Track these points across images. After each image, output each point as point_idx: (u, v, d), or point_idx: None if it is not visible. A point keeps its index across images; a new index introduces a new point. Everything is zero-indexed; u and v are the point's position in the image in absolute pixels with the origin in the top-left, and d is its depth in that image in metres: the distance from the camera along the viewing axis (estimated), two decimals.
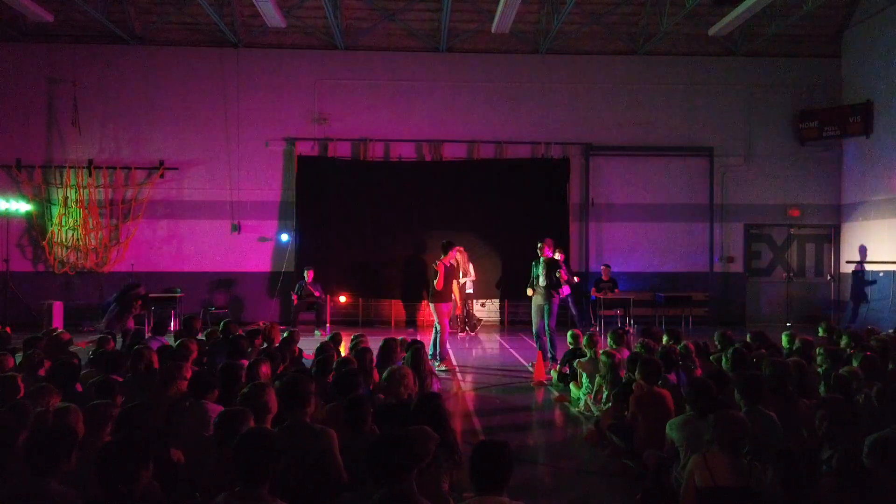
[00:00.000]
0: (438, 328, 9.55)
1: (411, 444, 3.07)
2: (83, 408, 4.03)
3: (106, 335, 7.59)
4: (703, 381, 4.69)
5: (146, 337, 8.05)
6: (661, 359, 6.03)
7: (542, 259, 9.49)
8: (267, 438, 3.01)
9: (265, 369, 5.37)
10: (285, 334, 7.45)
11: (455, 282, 10.04)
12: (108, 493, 2.91)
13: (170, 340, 7.39)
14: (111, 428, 3.83)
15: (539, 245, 9.62)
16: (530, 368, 9.29)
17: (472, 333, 13.23)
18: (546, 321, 9.38)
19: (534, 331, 9.65)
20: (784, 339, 7.53)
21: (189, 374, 5.06)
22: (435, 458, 3.57)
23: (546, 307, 9.38)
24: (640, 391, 5.29)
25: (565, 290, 9.69)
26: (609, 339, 7.53)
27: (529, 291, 9.61)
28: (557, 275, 9.45)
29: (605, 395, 6.49)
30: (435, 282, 9.50)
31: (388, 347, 6.56)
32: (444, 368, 9.25)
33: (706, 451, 3.71)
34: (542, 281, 9.41)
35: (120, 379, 5.18)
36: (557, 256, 10.29)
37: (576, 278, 9.35)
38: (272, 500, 2.91)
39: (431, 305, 9.73)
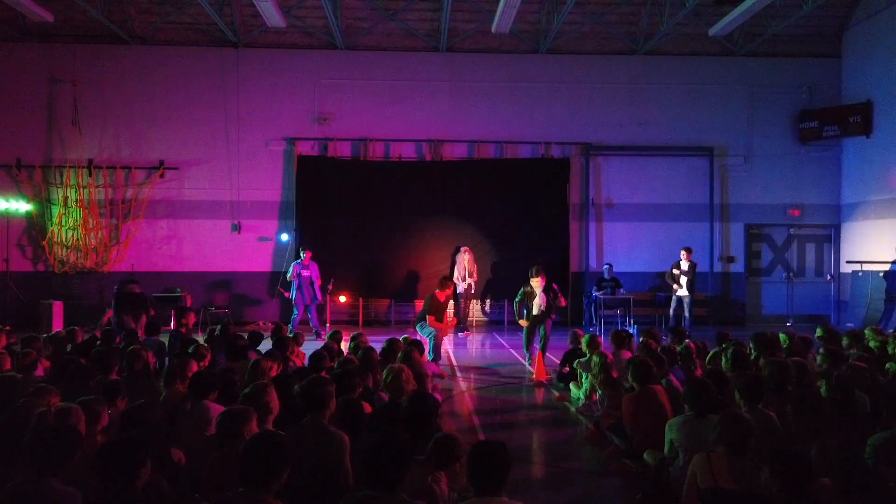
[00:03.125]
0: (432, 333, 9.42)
1: (406, 450, 3.05)
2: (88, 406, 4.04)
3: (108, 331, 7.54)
4: (701, 381, 4.68)
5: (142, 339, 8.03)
6: (662, 358, 6.03)
7: (535, 291, 9.14)
8: (275, 444, 3.01)
9: (266, 364, 5.37)
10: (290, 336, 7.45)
11: (446, 314, 9.77)
12: (109, 490, 2.91)
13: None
14: (107, 425, 3.83)
15: (532, 275, 9.18)
16: (531, 368, 9.30)
17: (467, 334, 13.23)
18: (540, 343, 9.20)
19: (524, 346, 9.51)
20: (782, 338, 7.52)
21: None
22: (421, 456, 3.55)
23: (542, 328, 9.19)
24: (634, 392, 5.29)
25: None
26: (610, 341, 7.53)
27: (522, 322, 9.30)
28: (557, 301, 9.20)
29: (599, 395, 6.50)
30: (426, 307, 9.52)
31: (392, 348, 6.56)
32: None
33: (710, 452, 3.70)
34: (535, 311, 9.14)
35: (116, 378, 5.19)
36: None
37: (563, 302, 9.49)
38: (274, 502, 2.91)
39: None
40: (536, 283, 9.16)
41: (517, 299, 9.35)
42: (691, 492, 3.65)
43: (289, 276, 12.68)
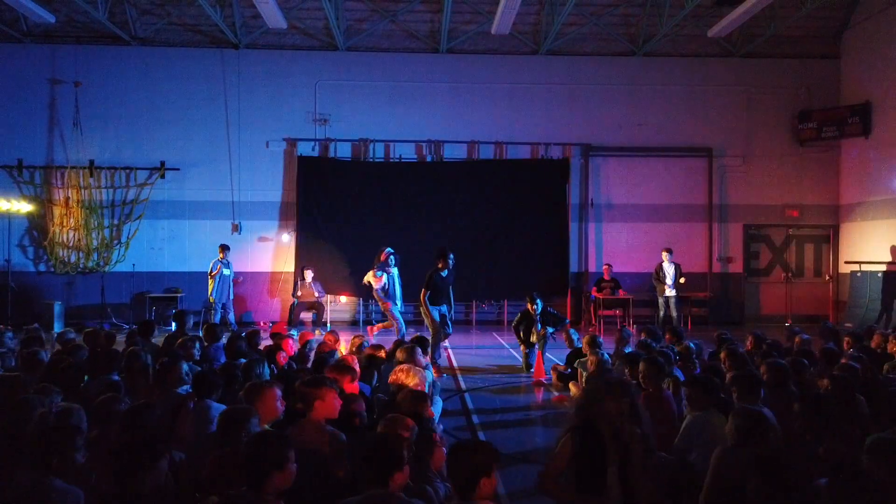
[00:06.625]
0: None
1: (401, 447, 3.05)
2: (89, 405, 4.06)
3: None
4: (703, 377, 4.70)
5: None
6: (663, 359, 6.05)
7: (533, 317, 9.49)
8: (278, 444, 3.02)
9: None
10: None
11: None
12: (123, 489, 2.94)
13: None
14: (119, 424, 3.85)
15: (529, 301, 9.53)
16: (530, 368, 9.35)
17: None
18: (539, 343, 9.41)
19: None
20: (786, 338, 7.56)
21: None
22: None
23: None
24: (646, 393, 5.29)
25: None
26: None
27: (523, 348, 9.58)
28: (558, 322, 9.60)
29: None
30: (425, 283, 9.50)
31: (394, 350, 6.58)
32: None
33: (724, 447, 3.72)
34: (533, 338, 9.44)
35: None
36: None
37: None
38: (275, 501, 2.92)
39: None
40: (531, 310, 9.45)
41: (515, 322, 9.73)
42: (715, 485, 3.62)
43: (213, 271, 12.92)
